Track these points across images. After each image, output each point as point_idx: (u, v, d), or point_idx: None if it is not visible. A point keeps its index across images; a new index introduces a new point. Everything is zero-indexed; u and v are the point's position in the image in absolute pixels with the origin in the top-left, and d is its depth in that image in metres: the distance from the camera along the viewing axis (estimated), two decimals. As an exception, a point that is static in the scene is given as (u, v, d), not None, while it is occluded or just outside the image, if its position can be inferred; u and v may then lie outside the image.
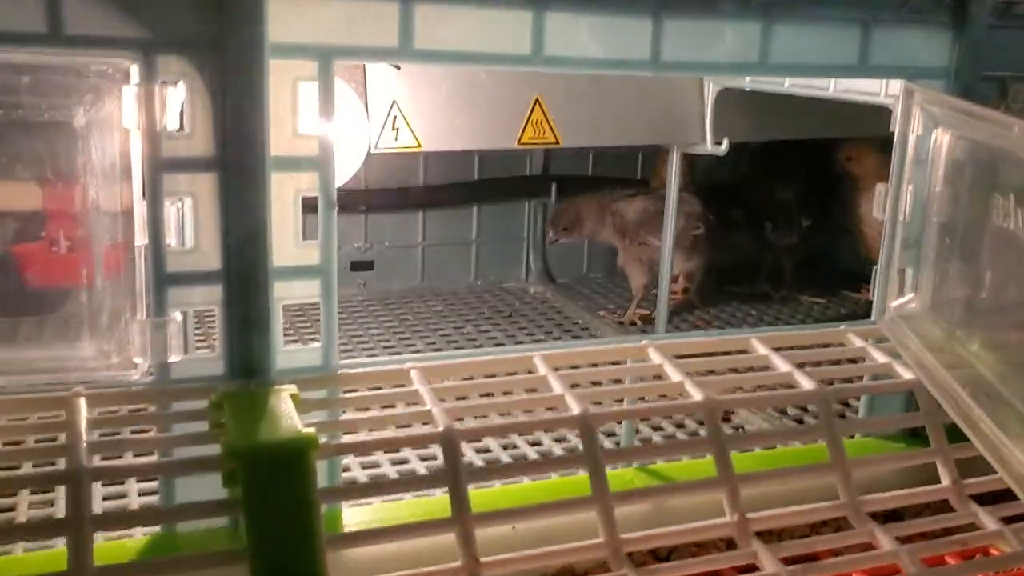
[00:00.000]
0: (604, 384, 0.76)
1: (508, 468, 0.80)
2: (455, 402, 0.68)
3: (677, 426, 1.07)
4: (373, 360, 0.75)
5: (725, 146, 1.10)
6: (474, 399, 0.71)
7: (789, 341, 0.80)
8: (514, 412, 0.89)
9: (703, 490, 0.67)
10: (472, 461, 0.94)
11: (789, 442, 0.92)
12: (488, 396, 0.71)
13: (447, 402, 0.66)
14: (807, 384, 0.71)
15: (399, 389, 0.69)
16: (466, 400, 0.71)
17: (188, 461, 0.62)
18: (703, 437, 0.68)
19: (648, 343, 0.76)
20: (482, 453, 0.98)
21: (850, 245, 1.50)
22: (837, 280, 1.57)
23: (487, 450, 0.99)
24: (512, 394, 0.73)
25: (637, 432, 0.98)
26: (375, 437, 0.67)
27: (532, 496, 0.75)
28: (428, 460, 0.96)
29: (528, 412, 0.83)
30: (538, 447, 1.00)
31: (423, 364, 0.71)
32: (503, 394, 0.72)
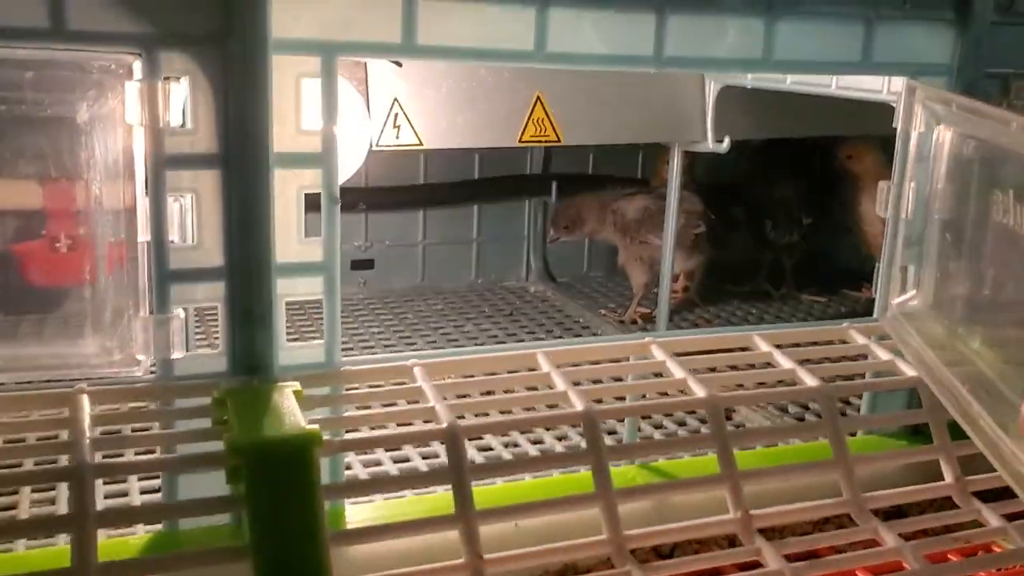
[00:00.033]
0: (606, 381, 0.76)
1: (512, 464, 0.80)
2: (458, 399, 0.68)
3: (679, 424, 1.07)
4: (376, 357, 0.75)
5: (727, 144, 1.10)
6: (476, 396, 0.71)
7: (791, 338, 0.80)
8: (517, 409, 0.89)
9: (706, 487, 0.67)
10: (473, 458, 0.94)
11: (791, 440, 0.92)
12: (490, 393, 0.71)
13: (450, 399, 0.66)
14: (810, 381, 0.71)
15: (402, 386, 0.69)
16: (469, 397, 0.71)
17: (191, 458, 0.62)
18: (706, 433, 0.68)
19: (651, 340, 0.76)
20: (484, 451, 0.98)
21: (850, 243, 1.50)
22: (837, 278, 1.57)
23: (489, 448, 0.99)
24: (514, 391, 0.73)
25: (639, 431, 0.98)
26: (379, 433, 0.67)
27: (534, 493, 0.75)
28: (429, 458, 0.96)
29: (531, 409, 0.83)
30: (540, 445, 1.00)
31: (426, 361, 0.71)
32: (505, 392, 0.72)
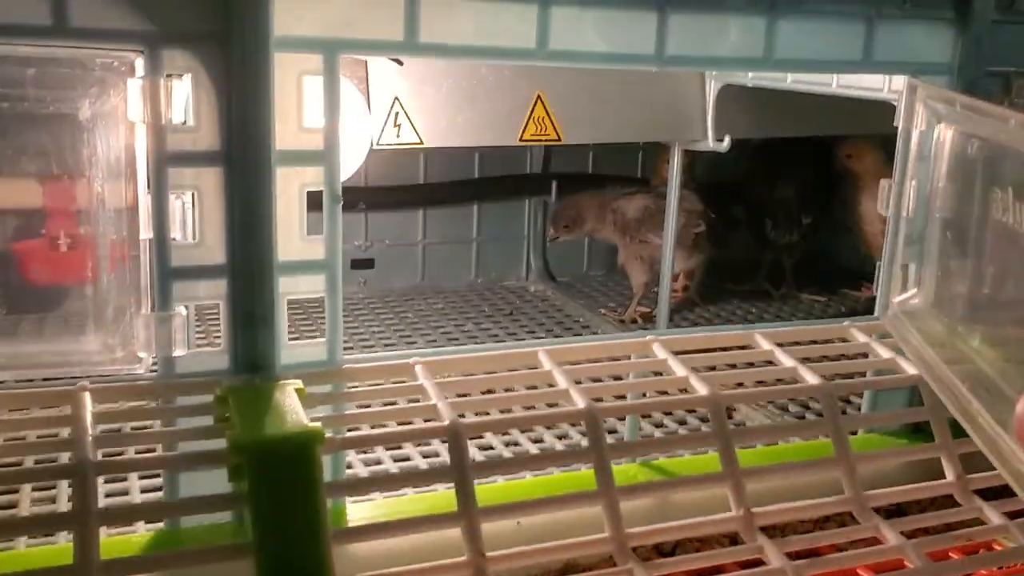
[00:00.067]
0: (607, 380, 0.76)
1: (513, 462, 0.80)
2: (458, 397, 0.68)
3: (679, 423, 1.07)
4: (378, 355, 0.75)
5: (727, 143, 1.10)
6: (478, 394, 0.71)
7: (792, 337, 0.80)
8: (518, 407, 0.89)
9: (708, 485, 0.67)
10: (474, 457, 0.94)
11: (792, 438, 0.92)
12: (491, 392, 0.71)
13: (451, 397, 0.66)
14: (811, 379, 0.71)
15: (404, 384, 0.69)
16: (469, 395, 0.71)
17: (193, 455, 0.61)
18: (707, 431, 0.68)
19: (651, 338, 0.76)
20: (484, 450, 0.98)
21: (850, 243, 1.50)
22: (837, 278, 1.57)
23: (490, 447, 0.99)
24: (515, 389, 0.73)
25: (640, 429, 0.98)
26: (381, 431, 0.67)
27: (535, 492, 0.75)
28: (429, 456, 0.96)
29: (532, 407, 0.83)
30: (540, 444, 1.00)
31: (427, 359, 0.71)
32: (506, 390, 0.72)
